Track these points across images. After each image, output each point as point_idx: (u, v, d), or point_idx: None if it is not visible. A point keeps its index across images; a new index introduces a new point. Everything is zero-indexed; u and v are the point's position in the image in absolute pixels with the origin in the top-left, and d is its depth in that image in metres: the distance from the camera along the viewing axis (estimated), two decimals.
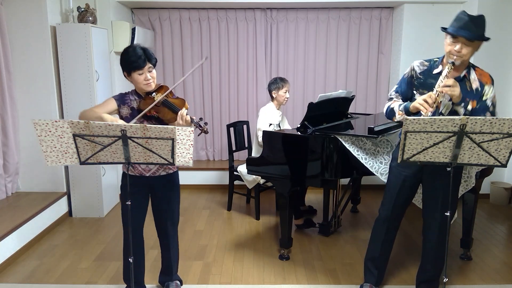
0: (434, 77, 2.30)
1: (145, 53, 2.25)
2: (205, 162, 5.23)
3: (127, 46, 2.30)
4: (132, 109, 2.35)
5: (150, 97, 2.32)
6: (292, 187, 3.06)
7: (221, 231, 3.76)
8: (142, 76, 2.26)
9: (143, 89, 2.32)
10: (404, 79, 2.46)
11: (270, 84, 3.83)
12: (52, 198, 3.78)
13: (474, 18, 2.13)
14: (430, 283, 2.57)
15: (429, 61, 2.37)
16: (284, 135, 3.10)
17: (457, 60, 2.17)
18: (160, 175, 2.44)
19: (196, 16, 4.92)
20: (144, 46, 2.30)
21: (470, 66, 2.30)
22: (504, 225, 3.87)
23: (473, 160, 1.97)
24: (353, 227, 3.84)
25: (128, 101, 2.36)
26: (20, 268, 3.06)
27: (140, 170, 2.40)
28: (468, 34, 2.10)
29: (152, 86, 2.33)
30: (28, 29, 3.64)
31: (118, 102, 2.33)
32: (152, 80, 2.31)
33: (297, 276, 2.95)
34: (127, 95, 2.38)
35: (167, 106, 2.31)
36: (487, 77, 2.28)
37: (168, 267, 2.69)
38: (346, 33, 4.96)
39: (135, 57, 2.22)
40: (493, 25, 4.26)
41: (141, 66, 2.23)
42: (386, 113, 2.49)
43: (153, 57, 2.29)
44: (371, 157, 2.89)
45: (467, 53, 2.16)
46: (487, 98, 2.25)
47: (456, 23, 2.16)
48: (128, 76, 2.30)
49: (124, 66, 2.28)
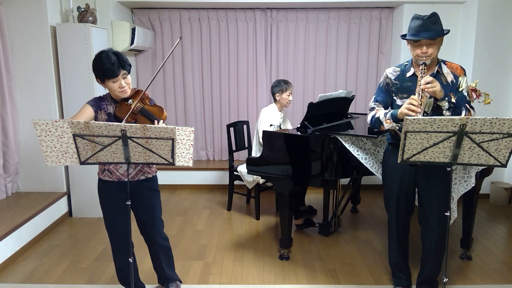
0: (409, 79, 2.38)
1: (118, 59, 2.14)
2: (205, 162, 5.23)
3: (100, 52, 2.18)
4: (109, 114, 2.26)
5: (127, 103, 2.23)
6: (292, 187, 3.06)
7: (221, 231, 3.76)
8: (117, 84, 2.17)
9: (118, 96, 2.23)
10: (380, 88, 2.52)
11: (273, 87, 3.82)
12: (52, 198, 3.78)
13: (428, 17, 2.23)
14: (431, 283, 2.58)
15: (400, 66, 2.46)
16: (284, 135, 3.10)
17: (427, 60, 2.24)
18: (139, 179, 2.37)
19: (196, 16, 4.92)
20: (117, 51, 2.20)
21: (440, 61, 2.37)
22: (504, 225, 3.87)
23: (473, 160, 1.97)
24: (353, 227, 3.84)
25: (104, 106, 2.26)
26: (20, 268, 3.06)
27: (118, 175, 2.31)
28: (429, 34, 2.20)
29: (128, 93, 2.23)
30: (28, 29, 3.64)
31: (95, 108, 2.23)
32: (127, 86, 2.21)
33: (297, 276, 2.95)
34: (102, 100, 2.28)
35: (144, 114, 2.23)
36: (459, 69, 2.37)
37: (162, 274, 2.63)
38: (346, 33, 4.96)
39: (109, 64, 2.12)
40: (493, 25, 4.28)
41: (115, 74, 2.14)
42: (371, 122, 2.50)
43: (127, 64, 2.19)
44: (371, 157, 2.89)
45: (433, 51, 2.25)
46: (462, 88, 2.35)
47: (413, 28, 2.26)
48: (101, 83, 2.21)
49: (97, 73, 2.18)
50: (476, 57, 4.31)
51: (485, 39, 4.29)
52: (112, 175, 2.32)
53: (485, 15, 4.25)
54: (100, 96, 2.32)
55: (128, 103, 2.24)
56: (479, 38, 4.29)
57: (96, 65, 2.17)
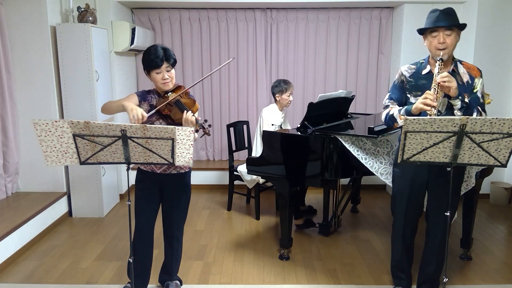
0: (424, 77, 2.36)
1: (165, 52, 2.29)
2: (205, 162, 5.23)
3: (151, 45, 2.35)
4: (151, 106, 2.37)
5: (166, 96, 2.36)
6: (292, 187, 3.06)
7: (221, 231, 3.76)
8: (160, 75, 2.30)
9: (160, 88, 2.36)
10: (395, 86, 2.50)
11: (274, 87, 3.82)
12: (52, 198, 3.78)
13: (445, 10, 2.24)
14: (432, 283, 2.57)
15: (416, 64, 2.43)
16: (284, 135, 3.10)
17: (444, 54, 2.23)
18: (170, 173, 2.44)
19: (196, 16, 4.92)
20: (166, 47, 2.34)
21: (456, 60, 2.35)
22: (504, 225, 3.87)
23: (473, 160, 1.97)
24: (353, 227, 3.84)
25: (149, 98, 2.40)
26: (20, 268, 3.06)
27: (151, 167, 2.41)
28: (446, 22, 2.21)
29: (170, 86, 2.36)
30: (28, 29, 3.64)
31: (140, 98, 2.37)
32: (170, 79, 2.33)
33: (297, 276, 2.95)
34: (149, 93, 2.42)
35: (178, 106, 2.33)
36: (475, 70, 2.34)
37: (170, 268, 2.68)
38: (346, 33, 4.96)
39: (154, 56, 2.26)
40: (493, 25, 4.28)
41: (158, 65, 2.27)
42: (385, 120, 2.51)
43: (172, 57, 2.32)
44: (371, 157, 2.89)
45: (451, 42, 2.24)
46: (477, 90, 2.32)
47: (430, 20, 2.27)
48: (148, 75, 2.35)
49: (144, 64, 2.33)
50: (476, 57, 4.31)
51: (485, 39, 4.29)
52: (146, 166, 2.41)
53: (485, 15, 4.24)
54: (148, 90, 2.46)
55: (167, 95, 2.36)
56: (479, 38, 4.29)
57: (144, 56, 2.32)
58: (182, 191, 2.51)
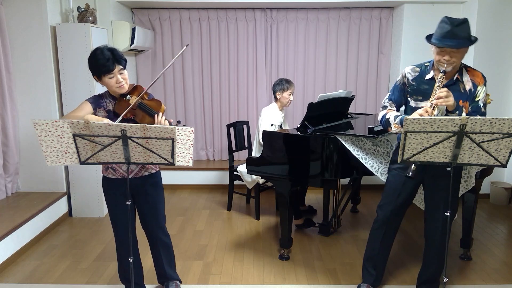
0: (427, 82, 2.30)
1: (113, 55, 2.15)
2: (205, 162, 5.23)
3: (95, 49, 2.19)
4: (108, 112, 2.26)
5: (125, 99, 2.23)
6: (292, 187, 3.06)
7: (221, 231, 3.76)
8: (113, 79, 2.18)
9: (115, 91, 2.23)
10: (396, 87, 2.46)
11: (275, 85, 3.82)
12: (52, 198, 3.78)
13: (458, 24, 2.08)
14: (431, 283, 2.57)
15: (420, 66, 2.36)
16: (284, 135, 3.10)
17: (448, 67, 2.15)
18: (143, 175, 2.38)
19: (196, 16, 4.92)
20: (112, 47, 2.21)
21: (462, 67, 2.28)
22: (504, 225, 3.87)
23: (473, 160, 1.97)
24: (353, 227, 3.84)
25: (104, 104, 2.27)
26: (20, 268, 3.06)
27: (121, 173, 2.32)
28: (454, 43, 2.07)
29: (125, 88, 2.23)
30: (28, 29, 3.64)
31: (94, 105, 2.24)
32: (125, 81, 2.22)
33: (297, 276, 2.95)
34: (102, 98, 2.29)
35: (143, 109, 2.23)
36: (479, 77, 2.27)
37: (164, 271, 2.63)
38: (346, 33, 4.96)
39: (103, 60, 2.13)
40: (493, 25, 4.28)
41: (110, 70, 2.14)
42: (381, 122, 2.50)
43: (122, 58, 2.20)
44: (371, 157, 2.89)
45: (456, 59, 2.14)
46: (479, 98, 2.26)
47: (439, 32, 2.12)
48: (99, 80, 2.21)
49: (93, 70, 2.19)
50: (476, 57, 4.31)
51: (485, 39, 4.29)
52: (116, 173, 2.33)
53: (485, 15, 4.24)
54: (99, 94, 2.32)
55: (127, 99, 2.24)
56: (479, 38, 4.28)
57: (91, 62, 2.18)
58: (155, 188, 2.44)
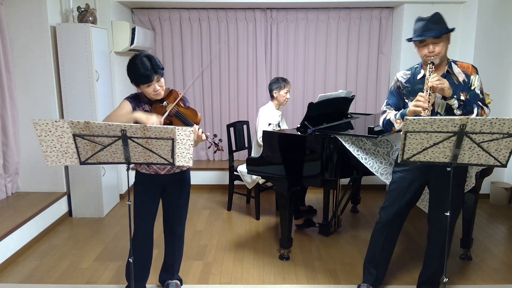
0: (420, 81, 2.37)
1: (151, 64, 2.20)
2: (205, 162, 5.23)
3: (133, 57, 2.23)
4: (146, 111, 2.32)
5: (161, 105, 2.31)
6: (292, 187, 3.06)
7: (221, 231, 3.76)
8: (151, 88, 2.24)
9: (152, 98, 2.31)
10: (391, 92, 2.53)
11: (272, 84, 3.83)
12: (52, 198, 3.78)
13: (431, 18, 2.24)
14: (432, 283, 2.57)
15: (411, 69, 2.46)
16: (284, 135, 3.10)
17: (435, 59, 2.25)
18: (174, 172, 2.45)
19: (196, 16, 4.92)
20: (149, 54, 2.24)
21: (450, 61, 2.37)
22: (504, 225, 3.87)
23: (473, 160, 1.97)
24: (353, 227, 3.84)
25: (142, 105, 2.35)
26: (20, 268, 3.06)
27: (155, 169, 2.40)
28: (433, 33, 2.21)
29: (161, 95, 2.31)
30: (28, 29, 3.64)
31: (133, 104, 2.31)
32: (161, 89, 2.28)
33: (297, 276, 2.95)
34: (139, 99, 2.36)
35: (180, 118, 2.32)
36: (470, 68, 2.36)
37: (171, 266, 2.68)
38: (346, 33, 4.96)
39: (143, 70, 2.17)
40: (493, 25, 4.28)
41: (149, 80, 2.20)
42: (383, 125, 2.53)
43: (159, 68, 2.24)
44: (371, 157, 2.89)
45: (440, 49, 2.25)
46: (475, 86, 2.34)
47: (417, 29, 2.27)
48: (136, 87, 2.29)
49: (132, 78, 2.25)
50: (476, 57, 4.31)
51: (485, 39, 4.29)
52: (149, 168, 2.39)
53: (485, 15, 4.24)
54: (136, 94, 2.39)
55: (163, 105, 2.31)
56: (479, 38, 4.29)
57: (131, 70, 2.23)
58: (184, 187, 2.53)
